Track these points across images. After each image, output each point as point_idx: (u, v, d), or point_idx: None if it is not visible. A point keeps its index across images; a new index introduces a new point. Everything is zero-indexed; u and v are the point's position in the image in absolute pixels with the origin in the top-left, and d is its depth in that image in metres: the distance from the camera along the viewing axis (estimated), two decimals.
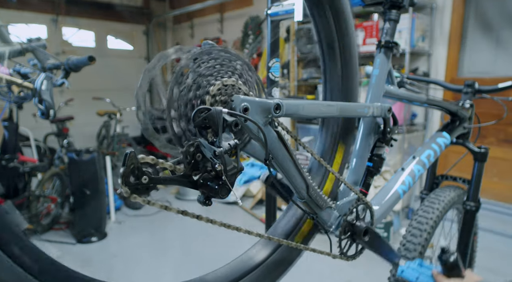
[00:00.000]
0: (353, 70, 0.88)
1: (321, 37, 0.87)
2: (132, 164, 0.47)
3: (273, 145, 0.63)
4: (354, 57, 0.88)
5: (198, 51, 0.56)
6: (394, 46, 1.01)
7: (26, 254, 0.48)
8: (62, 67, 1.68)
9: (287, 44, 3.78)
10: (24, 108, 2.45)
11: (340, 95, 0.89)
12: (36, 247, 0.50)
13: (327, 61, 0.89)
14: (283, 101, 0.61)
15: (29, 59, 1.83)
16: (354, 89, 0.90)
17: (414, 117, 3.15)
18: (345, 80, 0.88)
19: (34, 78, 1.70)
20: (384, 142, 0.95)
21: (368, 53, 2.93)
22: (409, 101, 1.19)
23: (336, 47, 0.86)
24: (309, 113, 0.67)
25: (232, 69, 0.59)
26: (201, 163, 0.52)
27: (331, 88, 0.90)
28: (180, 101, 0.54)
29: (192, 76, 0.55)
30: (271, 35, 1.55)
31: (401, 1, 0.98)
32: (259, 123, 0.57)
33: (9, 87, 1.75)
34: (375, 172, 0.96)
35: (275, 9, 1.47)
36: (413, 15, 2.81)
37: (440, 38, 3.05)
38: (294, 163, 0.67)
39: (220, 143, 0.50)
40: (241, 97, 0.56)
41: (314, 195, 0.73)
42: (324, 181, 0.93)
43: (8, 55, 1.60)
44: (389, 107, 0.88)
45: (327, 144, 0.93)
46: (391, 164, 2.74)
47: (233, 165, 0.51)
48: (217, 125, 0.51)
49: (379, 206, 1.01)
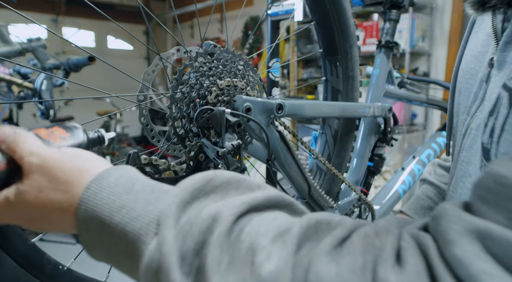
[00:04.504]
0: (353, 70, 0.89)
1: (322, 37, 0.87)
2: (135, 164, 0.47)
3: (275, 145, 0.63)
4: (355, 57, 0.88)
5: (200, 51, 0.56)
6: (394, 46, 1.01)
7: (27, 254, 0.48)
8: (62, 67, 1.68)
9: (287, 44, 3.78)
10: (24, 108, 2.45)
11: (341, 96, 0.90)
12: (37, 247, 0.50)
13: (328, 61, 0.89)
14: (285, 101, 0.61)
15: (29, 59, 1.83)
16: (355, 90, 0.90)
17: (414, 117, 3.15)
18: (345, 81, 0.89)
19: (34, 78, 1.70)
20: (384, 142, 0.95)
21: (368, 53, 2.93)
22: (409, 101, 1.19)
23: (337, 48, 0.86)
24: (310, 113, 0.67)
25: (235, 69, 0.60)
26: (204, 163, 0.52)
27: (332, 88, 0.91)
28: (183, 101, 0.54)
29: (195, 76, 0.55)
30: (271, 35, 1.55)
31: (401, 1, 0.98)
32: (262, 123, 0.57)
33: (9, 87, 1.75)
34: (375, 171, 0.96)
35: (275, 9, 1.47)
36: (413, 15, 2.81)
37: (440, 38, 3.06)
38: (296, 163, 0.67)
39: (223, 143, 0.50)
40: (244, 97, 0.56)
41: (316, 195, 0.74)
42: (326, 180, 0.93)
43: (8, 55, 1.60)
44: (390, 107, 0.89)
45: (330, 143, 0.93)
46: (391, 164, 2.74)
47: (236, 165, 0.51)
48: (220, 125, 0.51)
49: (379, 206, 1.01)
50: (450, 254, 0.20)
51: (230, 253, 0.25)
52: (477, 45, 0.47)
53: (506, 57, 0.39)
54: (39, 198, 0.32)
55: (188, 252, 0.25)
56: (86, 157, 0.35)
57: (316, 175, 0.93)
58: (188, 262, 0.25)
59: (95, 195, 0.30)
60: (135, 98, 0.56)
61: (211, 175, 0.31)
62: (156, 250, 0.26)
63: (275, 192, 0.31)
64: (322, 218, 0.27)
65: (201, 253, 0.25)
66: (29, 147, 0.34)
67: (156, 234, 0.27)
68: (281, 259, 0.23)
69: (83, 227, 0.31)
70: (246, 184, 0.31)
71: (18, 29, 3.12)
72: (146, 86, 0.57)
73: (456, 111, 0.53)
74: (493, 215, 0.21)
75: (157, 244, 0.26)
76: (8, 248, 0.46)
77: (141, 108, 0.57)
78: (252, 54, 4.34)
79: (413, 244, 0.22)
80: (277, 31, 1.51)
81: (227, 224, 0.26)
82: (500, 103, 0.37)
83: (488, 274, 0.18)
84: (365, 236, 0.24)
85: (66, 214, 0.32)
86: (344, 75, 0.88)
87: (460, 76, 0.51)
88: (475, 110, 0.45)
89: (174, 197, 0.28)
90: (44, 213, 0.33)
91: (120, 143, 4.24)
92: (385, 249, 0.22)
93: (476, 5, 0.40)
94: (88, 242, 0.31)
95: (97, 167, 0.34)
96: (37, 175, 0.33)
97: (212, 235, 0.25)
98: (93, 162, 0.35)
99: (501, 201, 0.21)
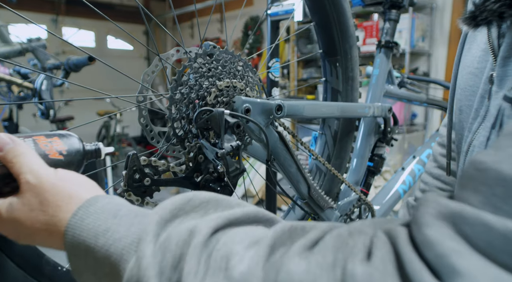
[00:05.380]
0: (353, 71, 0.89)
1: (321, 38, 0.87)
2: (135, 165, 0.47)
3: (274, 145, 0.63)
4: (355, 58, 0.88)
5: (199, 52, 0.56)
6: (394, 46, 1.01)
7: (26, 255, 0.48)
8: (62, 67, 1.68)
9: (287, 44, 3.78)
10: (24, 108, 2.45)
11: (341, 96, 0.90)
12: (37, 248, 0.50)
13: (327, 62, 0.89)
14: (284, 102, 0.61)
15: (29, 59, 1.83)
16: (355, 90, 0.90)
17: (414, 117, 3.15)
18: (345, 81, 0.89)
19: (34, 78, 1.70)
20: (384, 142, 0.95)
21: (368, 53, 2.93)
22: (409, 101, 1.19)
23: (337, 48, 0.86)
24: (310, 113, 0.67)
25: (234, 70, 0.59)
26: (203, 165, 0.52)
27: (331, 89, 0.91)
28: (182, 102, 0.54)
29: (194, 77, 0.55)
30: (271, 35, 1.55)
31: (401, 1, 0.98)
32: (261, 124, 0.57)
33: (9, 87, 1.75)
34: (375, 171, 0.96)
35: (275, 9, 1.47)
36: (413, 15, 2.81)
37: (440, 38, 3.05)
38: (295, 163, 0.67)
39: (222, 144, 0.50)
40: (243, 98, 0.56)
41: (316, 196, 0.74)
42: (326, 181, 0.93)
43: (8, 55, 1.60)
44: (390, 107, 0.89)
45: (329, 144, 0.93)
46: (391, 164, 2.74)
47: (235, 166, 0.51)
48: (219, 126, 0.51)
49: (379, 206, 1.01)
50: (420, 236, 0.20)
51: (206, 262, 0.25)
52: (473, 62, 0.47)
53: (506, 72, 0.39)
54: (29, 217, 0.33)
55: (166, 267, 0.26)
56: (79, 182, 0.37)
57: (315, 175, 0.93)
58: (166, 277, 0.25)
59: (82, 221, 0.31)
60: (134, 99, 0.56)
61: (191, 195, 0.31)
62: (135, 265, 0.27)
63: (255, 208, 0.31)
64: (297, 223, 0.27)
65: (179, 267, 0.25)
66: (29, 163, 0.35)
67: (136, 251, 0.28)
68: (253, 261, 0.24)
69: (71, 252, 0.31)
70: (225, 203, 0.32)
71: (18, 29, 3.12)
72: (146, 87, 0.57)
73: (458, 129, 0.52)
74: (469, 198, 0.21)
75: (135, 260, 0.27)
76: (7, 249, 0.47)
77: (141, 109, 0.57)
78: (252, 54, 4.34)
79: (384, 238, 0.22)
80: (277, 31, 1.51)
81: (203, 236, 0.26)
82: (502, 114, 0.36)
83: (457, 252, 0.18)
84: (338, 236, 0.24)
85: (52, 236, 0.33)
86: (343, 76, 0.88)
87: (460, 94, 0.51)
88: (477, 127, 0.44)
89: (154, 214, 0.29)
90: (31, 231, 0.34)
91: (120, 143, 4.24)
92: (357, 246, 0.22)
93: (468, 20, 0.40)
94: (77, 267, 0.32)
95: (87, 194, 0.35)
96: (31, 195, 0.34)
97: (189, 247, 0.26)
98: (85, 188, 0.36)
99: (477, 185, 0.21)
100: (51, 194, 0.34)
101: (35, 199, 0.34)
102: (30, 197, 0.34)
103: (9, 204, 0.35)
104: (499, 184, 0.19)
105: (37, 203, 0.34)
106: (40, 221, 0.33)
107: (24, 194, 0.34)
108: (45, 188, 0.34)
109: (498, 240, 0.17)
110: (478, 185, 0.21)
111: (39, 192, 0.34)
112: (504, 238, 0.17)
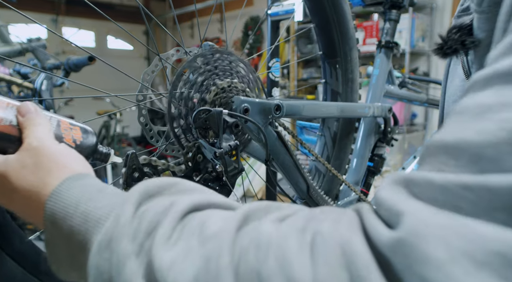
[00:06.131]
0: (353, 73, 0.89)
1: (321, 40, 0.87)
2: (134, 165, 0.47)
3: (273, 145, 0.63)
4: (355, 60, 0.88)
5: (199, 52, 0.56)
6: (394, 46, 1.01)
7: (24, 252, 0.49)
8: (62, 67, 1.69)
9: (287, 44, 3.78)
10: None
11: (340, 98, 0.90)
12: (35, 245, 0.50)
13: (327, 63, 0.89)
14: (283, 102, 0.61)
15: (29, 59, 1.83)
16: (354, 92, 0.90)
17: (414, 117, 3.15)
18: (345, 83, 0.89)
19: (34, 78, 1.70)
20: (384, 142, 0.95)
21: (368, 53, 2.93)
22: (409, 101, 1.19)
23: (337, 50, 0.86)
24: (309, 113, 0.67)
25: (234, 70, 0.59)
26: (202, 164, 0.52)
27: (331, 90, 0.91)
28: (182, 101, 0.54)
29: (194, 77, 0.55)
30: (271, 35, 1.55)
31: (401, 1, 0.98)
32: (260, 124, 0.57)
33: (9, 87, 1.75)
34: (376, 171, 0.96)
35: (275, 9, 1.47)
36: (413, 15, 2.81)
37: None
38: (294, 163, 0.67)
39: (221, 144, 0.50)
40: (242, 98, 0.56)
41: (315, 195, 0.74)
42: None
43: (8, 55, 1.60)
44: (390, 107, 0.89)
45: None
46: (391, 164, 2.74)
47: (233, 165, 0.51)
48: (218, 126, 0.51)
49: None
50: (375, 199, 0.23)
51: (181, 230, 0.26)
52: (456, 91, 0.49)
53: None
54: (18, 174, 0.34)
55: (140, 232, 0.26)
56: (77, 159, 0.38)
57: (315, 176, 0.93)
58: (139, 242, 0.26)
59: (68, 190, 0.32)
60: (134, 98, 0.56)
61: (178, 180, 0.32)
62: (112, 224, 0.27)
63: (240, 204, 0.32)
64: (273, 202, 0.28)
65: (153, 233, 0.26)
66: (39, 133, 0.37)
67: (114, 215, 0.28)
68: (226, 223, 0.25)
69: (48, 219, 0.31)
70: (211, 192, 0.32)
71: (18, 29, 3.12)
72: (145, 87, 0.57)
73: None
74: (419, 170, 0.23)
75: (114, 218, 0.27)
76: (6, 246, 0.47)
77: (140, 108, 0.57)
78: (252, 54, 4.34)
79: (351, 212, 0.24)
80: (277, 31, 1.51)
81: (182, 207, 0.27)
82: None
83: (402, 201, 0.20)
84: (310, 211, 0.26)
85: (32, 199, 0.33)
86: (343, 77, 0.88)
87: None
88: None
89: (139, 185, 0.30)
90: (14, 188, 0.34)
91: (120, 142, 4.24)
92: (327, 219, 0.24)
93: (437, 50, 0.43)
94: (51, 237, 0.31)
95: (81, 170, 0.35)
96: (28, 154, 0.35)
97: (166, 217, 0.27)
98: (81, 165, 0.37)
99: (425, 158, 0.23)
100: (48, 159, 0.35)
101: (30, 159, 0.35)
102: (26, 156, 0.35)
103: (5, 159, 0.35)
104: (441, 152, 0.21)
105: (31, 163, 0.34)
106: (27, 181, 0.33)
107: (21, 152, 0.36)
108: (43, 152, 0.35)
109: (438, 192, 0.19)
110: (426, 157, 0.23)
111: (36, 154, 0.35)
112: (443, 189, 0.19)
